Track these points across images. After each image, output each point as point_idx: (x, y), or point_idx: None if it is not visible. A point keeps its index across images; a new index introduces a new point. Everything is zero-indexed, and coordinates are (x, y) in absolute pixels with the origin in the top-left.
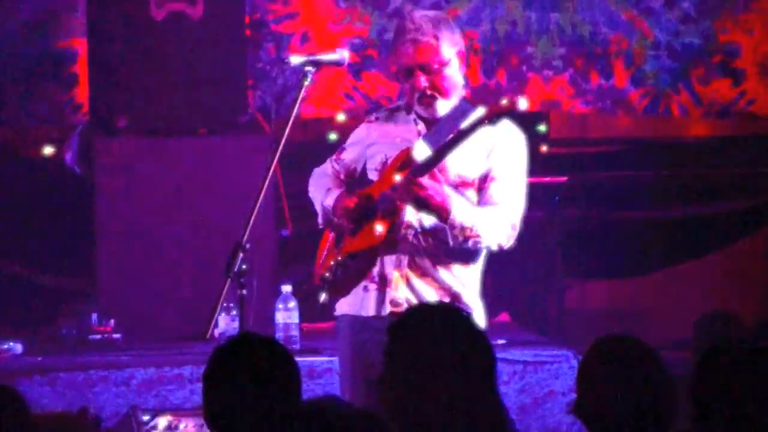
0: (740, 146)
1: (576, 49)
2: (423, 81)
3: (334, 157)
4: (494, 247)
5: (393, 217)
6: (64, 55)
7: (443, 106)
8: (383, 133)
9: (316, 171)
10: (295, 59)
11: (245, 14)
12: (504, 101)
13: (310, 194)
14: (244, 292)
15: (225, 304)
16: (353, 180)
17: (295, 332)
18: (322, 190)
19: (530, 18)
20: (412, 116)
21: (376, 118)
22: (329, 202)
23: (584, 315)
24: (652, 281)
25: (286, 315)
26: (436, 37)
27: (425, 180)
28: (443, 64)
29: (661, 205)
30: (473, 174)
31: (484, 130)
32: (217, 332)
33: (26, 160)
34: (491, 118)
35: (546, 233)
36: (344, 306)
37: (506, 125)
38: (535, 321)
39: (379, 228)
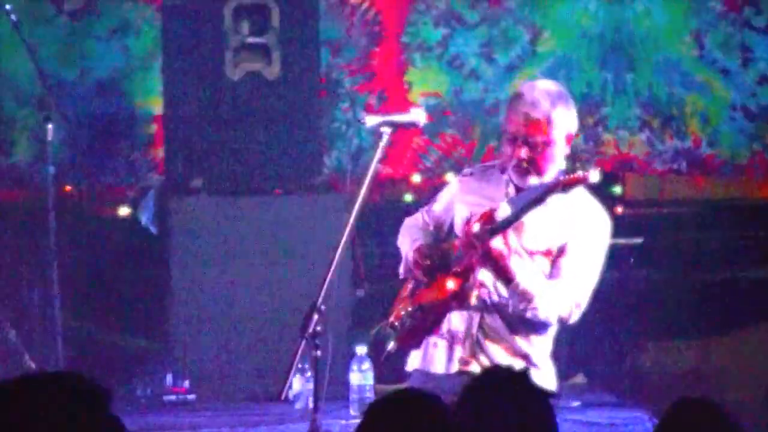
0: None
1: (652, 110)
2: (523, 153)
3: (426, 208)
4: (554, 321)
5: (467, 274)
6: (141, 115)
7: (535, 181)
8: (474, 190)
9: (407, 221)
10: (371, 120)
11: (321, 74)
12: (578, 172)
13: (399, 243)
14: (319, 353)
15: (299, 365)
16: (442, 232)
17: (369, 394)
18: (409, 240)
19: (606, 78)
20: (506, 177)
21: (471, 173)
22: (411, 250)
23: (660, 376)
24: (729, 343)
25: (361, 376)
26: (548, 117)
27: (495, 241)
28: (547, 143)
29: (737, 267)
30: (549, 243)
31: (567, 203)
32: (291, 393)
33: (103, 219)
34: (564, 186)
35: (622, 294)
36: (414, 361)
37: (589, 201)
38: (610, 382)
39: (451, 284)
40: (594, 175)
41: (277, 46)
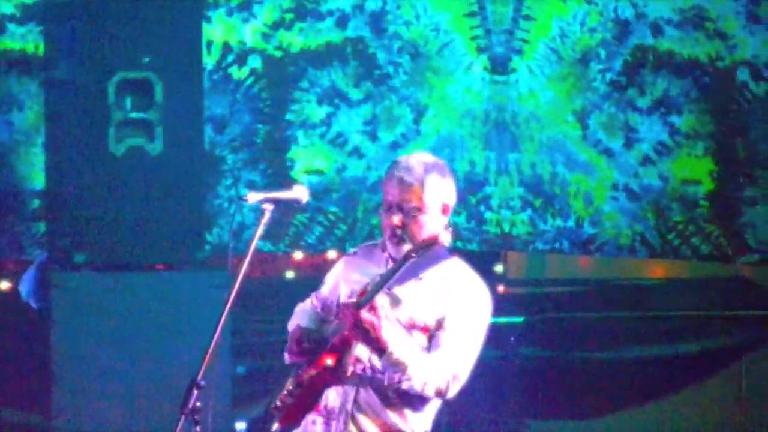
0: (699, 288)
1: (534, 190)
2: (396, 219)
3: (315, 291)
4: (431, 394)
5: (343, 348)
6: (24, 188)
7: (404, 249)
8: (357, 269)
9: (297, 307)
10: (253, 197)
11: (204, 150)
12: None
13: (288, 327)
14: (199, 429)
15: None
16: (330, 314)
17: None
18: (293, 326)
19: (489, 158)
20: (385, 255)
21: (355, 253)
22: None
23: None
24: (609, 422)
25: None
26: (422, 182)
27: (364, 313)
28: (420, 209)
29: (620, 346)
30: (426, 318)
31: (444, 276)
32: None
33: None
34: (416, 250)
35: (502, 373)
36: None
37: (467, 274)
38: None
39: (328, 360)
40: (445, 236)
41: (160, 122)
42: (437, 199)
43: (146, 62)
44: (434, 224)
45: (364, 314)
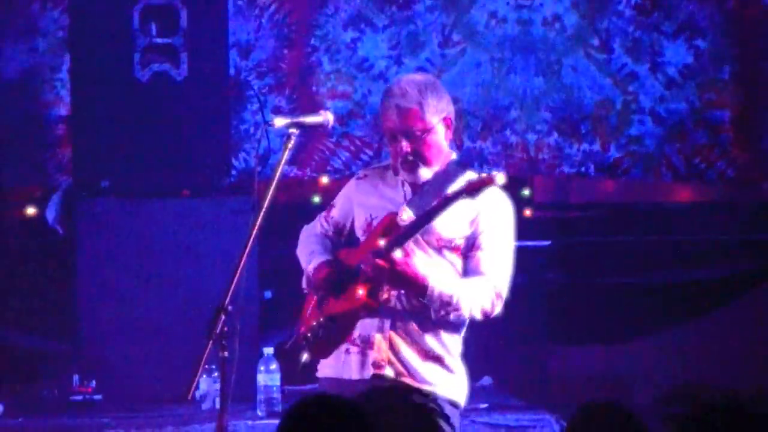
0: (724, 212)
1: (560, 114)
2: (405, 146)
3: (324, 214)
4: (479, 316)
5: (375, 281)
6: (48, 116)
7: (426, 172)
8: (371, 192)
9: (304, 231)
10: (279, 121)
11: (229, 75)
12: (483, 175)
13: (297, 253)
14: (226, 354)
15: (206, 366)
16: (342, 237)
17: (276, 394)
18: (307, 253)
19: (515, 82)
20: (400, 178)
21: (365, 176)
22: (311, 268)
23: (567, 380)
24: (634, 347)
25: (268, 377)
26: (420, 104)
27: (398, 256)
28: (426, 130)
29: (646, 271)
30: (458, 238)
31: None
32: (198, 394)
33: (9, 220)
34: (470, 191)
35: (529, 297)
36: (326, 369)
37: (494, 191)
38: (517, 385)
39: (360, 292)
40: (500, 178)
41: (185, 47)
42: (439, 116)
43: None
44: (443, 141)
45: (398, 258)
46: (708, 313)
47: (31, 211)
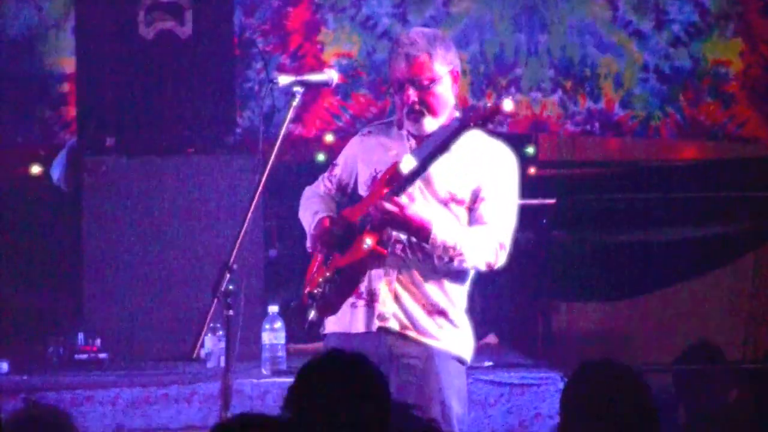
0: (729, 170)
1: (565, 72)
2: (412, 95)
3: (326, 174)
4: (483, 267)
5: (382, 230)
6: (53, 74)
7: (431, 123)
8: (375, 148)
9: (306, 191)
10: (284, 80)
11: (234, 34)
12: (488, 103)
13: (300, 216)
14: (231, 312)
15: (212, 325)
16: (346, 195)
17: (281, 353)
18: (310, 214)
19: (519, 40)
20: (404, 132)
21: (369, 132)
22: (314, 226)
23: (572, 337)
24: (639, 304)
25: (273, 336)
26: (429, 53)
27: (402, 200)
28: (433, 80)
29: (650, 228)
30: (463, 191)
31: (470, 147)
32: (203, 352)
33: (14, 178)
34: (476, 121)
35: (534, 255)
36: (332, 324)
37: (496, 145)
38: (522, 343)
39: (368, 241)
40: (507, 104)
41: (190, 6)
42: (447, 67)
43: None
44: (449, 93)
45: (402, 202)
46: (715, 269)
47: (36, 169)
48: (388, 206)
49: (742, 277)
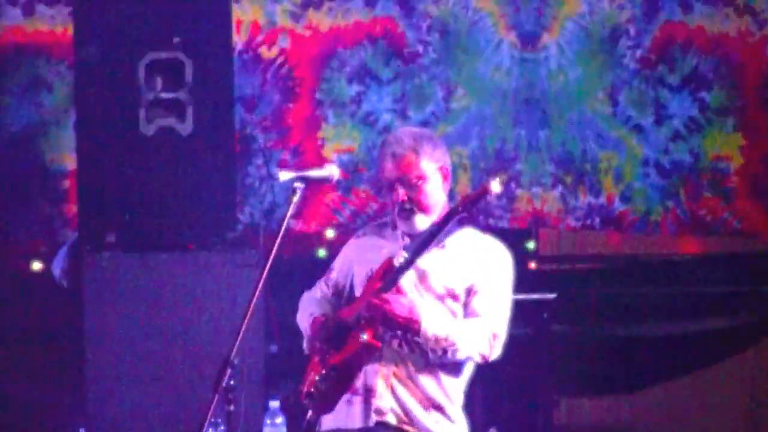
0: (729, 265)
1: (565, 167)
2: (402, 194)
3: (323, 278)
4: (477, 358)
5: (375, 325)
6: (54, 170)
7: (423, 221)
8: (370, 248)
9: (304, 297)
10: (284, 175)
11: (234, 130)
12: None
13: (297, 320)
14: (232, 407)
15: (213, 420)
16: (342, 299)
17: None
18: (306, 317)
19: (519, 135)
20: (399, 231)
21: (363, 234)
22: (309, 326)
23: (573, 430)
24: (641, 399)
25: (274, 431)
26: (416, 151)
27: (389, 296)
28: (421, 178)
29: (651, 323)
30: (458, 287)
31: (465, 244)
32: None
33: (14, 274)
34: (464, 204)
35: (534, 350)
36: (328, 421)
37: (489, 240)
38: None
39: (363, 336)
40: (495, 186)
41: (190, 102)
42: (434, 165)
43: (176, 42)
44: (439, 190)
45: (390, 297)
46: (715, 365)
47: (37, 266)
48: (375, 301)
49: (746, 369)
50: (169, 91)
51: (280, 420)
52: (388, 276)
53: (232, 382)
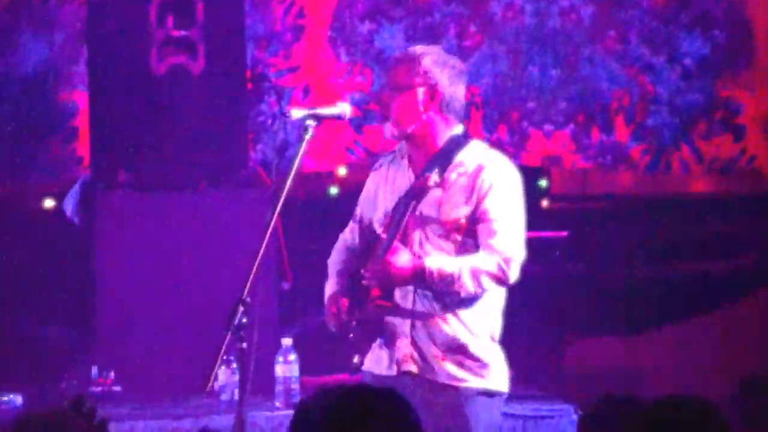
0: (742, 203)
1: (577, 105)
2: (385, 96)
3: (354, 214)
4: (492, 284)
5: (384, 286)
6: (65, 109)
7: (391, 130)
8: (384, 182)
9: (339, 239)
10: (296, 113)
11: (246, 68)
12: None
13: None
14: (244, 345)
15: (225, 357)
16: (372, 233)
17: (295, 385)
18: (331, 272)
19: (531, 73)
20: (405, 160)
21: (380, 166)
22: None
23: (585, 371)
24: (653, 339)
25: (286, 368)
26: (413, 58)
27: (388, 258)
28: (398, 88)
29: (662, 263)
30: (461, 217)
31: (470, 166)
32: (216, 385)
33: (27, 213)
34: (414, 194)
35: (547, 288)
36: (366, 362)
37: (494, 160)
38: (535, 376)
39: (376, 296)
40: (433, 178)
41: (202, 40)
42: (426, 80)
43: None
44: (413, 107)
45: (390, 260)
46: (727, 304)
47: (49, 204)
48: (377, 269)
49: (757, 310)
50: (181, 29)
51: (292, 357)
52: (388, 236)
53: (244, 320)
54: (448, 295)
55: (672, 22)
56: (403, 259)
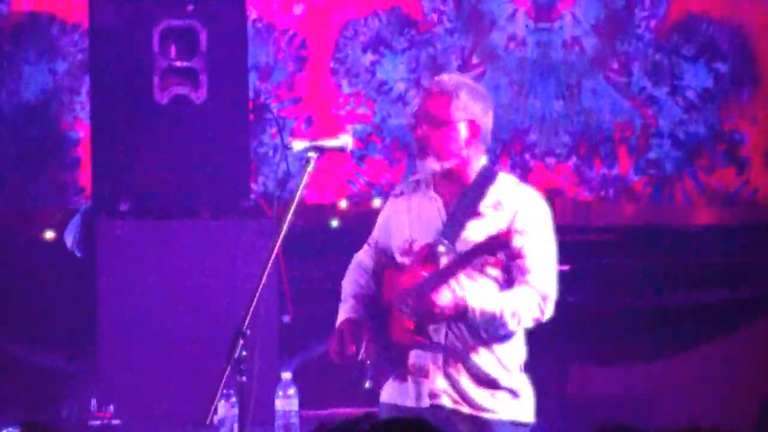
0: (743, 235)
1: (580, 137)
2: (420, 131)
3: (370, 237)
4: (530, 324)
5: (422, 321)
6: (67, 138)
7: (434, 164)
8: (406, 210)
9: (353, 260)
10: (298, 145)
11: (249, 98)
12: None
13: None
14: (244, 378)
15: (225, 391)
16: (386, 256)
17: (294, 419)
18: (344, 294)
19: (534, 105)
20: (431, 191)
21: (402, 192)
22: (340, 319)
23: (586, 402)
24: (653, 369)
25: (286, 402)
26: (449, 94)
27: (433, 296)
28: (446, 122)
29: (665, 294)
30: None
31: (501, 201)
32: (216, 419)
33: (28, 242)
34: (489, 248)
35: (549, 320)
36: (386, 393)
37: (528, 194)
38: (537, 406)
39: (409, 326)
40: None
41: (204, 70)
42: (464, 114)
43: (190, 10)
44: (458, 142)
45: (434, 298)
46: (729, 335)
47: (50, 234)
48: (422, 304)
49: (757, 341)
50: (183, 59)
51: (292, 391)
52: (433, 275)
53: (244, 353)
54: (485, 334)
55: (675, 53)
56: (446, 297)
